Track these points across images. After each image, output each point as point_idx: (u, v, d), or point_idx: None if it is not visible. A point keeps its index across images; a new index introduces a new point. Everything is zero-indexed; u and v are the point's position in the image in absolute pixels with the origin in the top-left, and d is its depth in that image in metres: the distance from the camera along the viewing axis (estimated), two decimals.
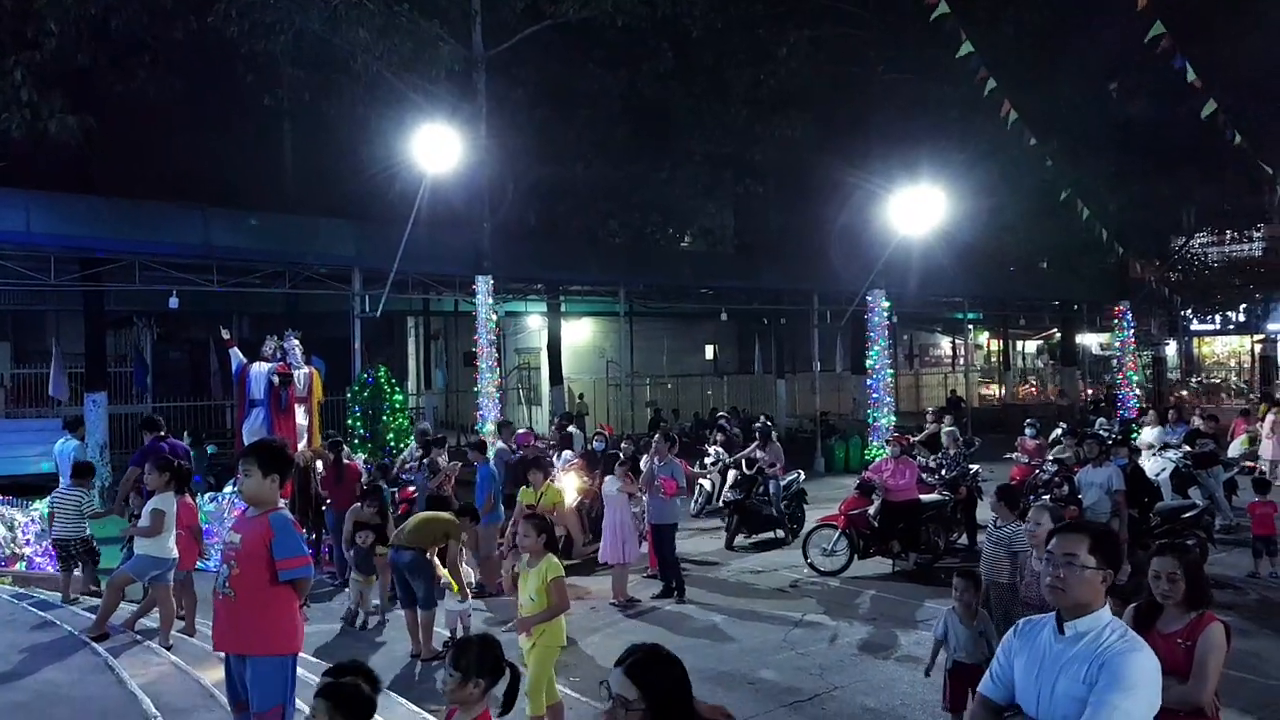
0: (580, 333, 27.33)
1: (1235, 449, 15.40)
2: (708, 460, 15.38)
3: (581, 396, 24.41)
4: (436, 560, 7.98)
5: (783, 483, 13.05)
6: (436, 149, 13.90)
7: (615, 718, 2.49)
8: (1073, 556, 2.96)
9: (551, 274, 20.85)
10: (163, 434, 10.20)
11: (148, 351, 21.13)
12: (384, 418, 14.06)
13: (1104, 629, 2.95)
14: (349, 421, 14.57)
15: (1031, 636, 3.10)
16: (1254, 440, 15.71)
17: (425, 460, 11.57)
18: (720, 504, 14.09)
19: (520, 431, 13.70)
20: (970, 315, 30.77)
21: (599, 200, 20.83)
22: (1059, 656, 2.96)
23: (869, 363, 20.60)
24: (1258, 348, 33.66)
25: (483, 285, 15.87)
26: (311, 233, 16.78)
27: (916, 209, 17.14)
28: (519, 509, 9.20)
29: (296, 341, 11.98)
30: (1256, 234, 32.20)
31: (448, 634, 8.02)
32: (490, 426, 14.89)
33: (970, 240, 22.98)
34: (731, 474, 13.72)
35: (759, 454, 13.27)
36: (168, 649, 7.05)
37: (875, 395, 20.35)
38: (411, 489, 11.76)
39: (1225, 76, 19.07)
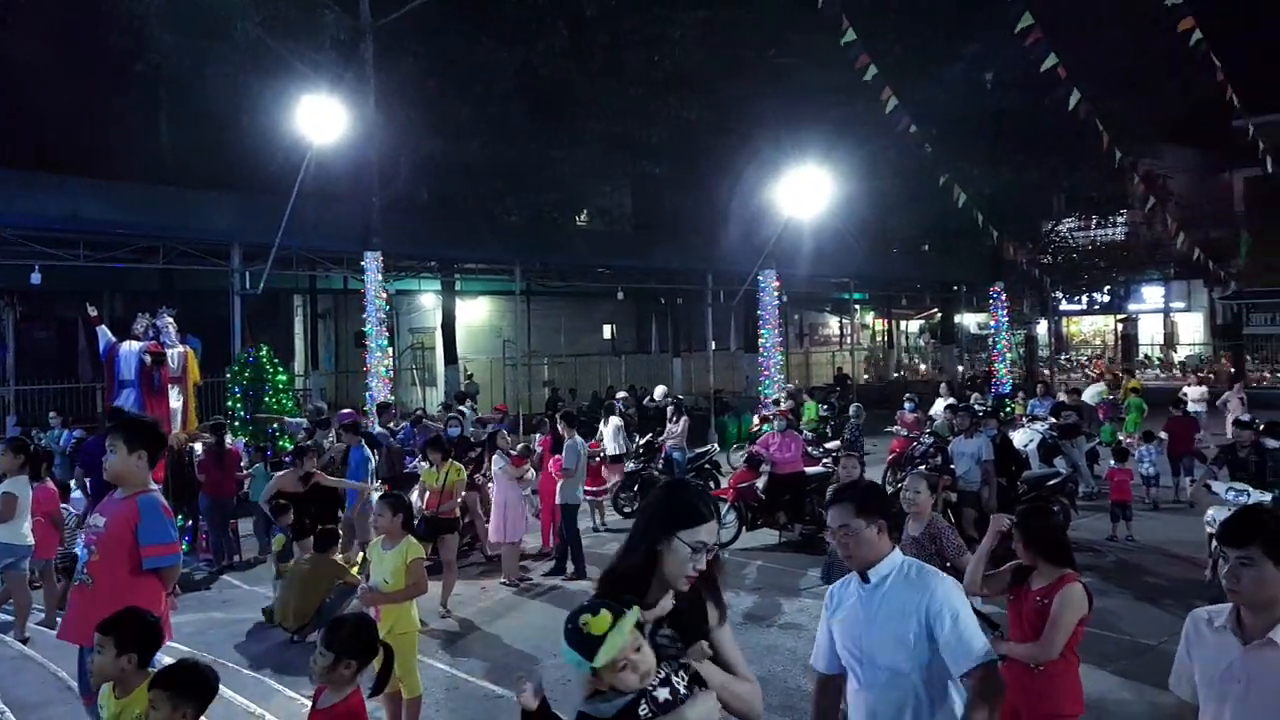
0: (476, 312, 26.98)
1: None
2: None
3: (471, 376, 24.01)
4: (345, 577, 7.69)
5: (689, 455, 13.38)
6: (322, 120, 13.50)
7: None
8: (846, 526, 3.18)
9: (445, 251, 20.50)
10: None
11: (9, 330, 19.88)
12: (266, 399, 13.61)
13: (900, 568, 3.19)
14: (228, 403, 14.06)
15: (843, 597, 3.30)
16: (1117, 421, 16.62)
17: (311, 441, 11.28)
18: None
19: (345, 410, 13.49)
20: (856, 295, 31.71)
21: (494, 177, 20.54)
22: (869, 602, 3.18)
23: (761, 341, 21.04)
24: (1120, 326, 35.73)
25: (372, 262, 15.48)
26: (188, 205, 16.04)
27: (805, 191, 17.58)
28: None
29: (170, 319, 11.45)
30: (1119, 219, 34.14)
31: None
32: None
33: (856, 222, 23.66)
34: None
35: (673, 427, 13.64)
36: (23, 642, 6.69)
37: (767, 373, 20.81)
38: None
39: (1089, 69, 20.08)
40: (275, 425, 13.27)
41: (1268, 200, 26.68)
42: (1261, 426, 9.51)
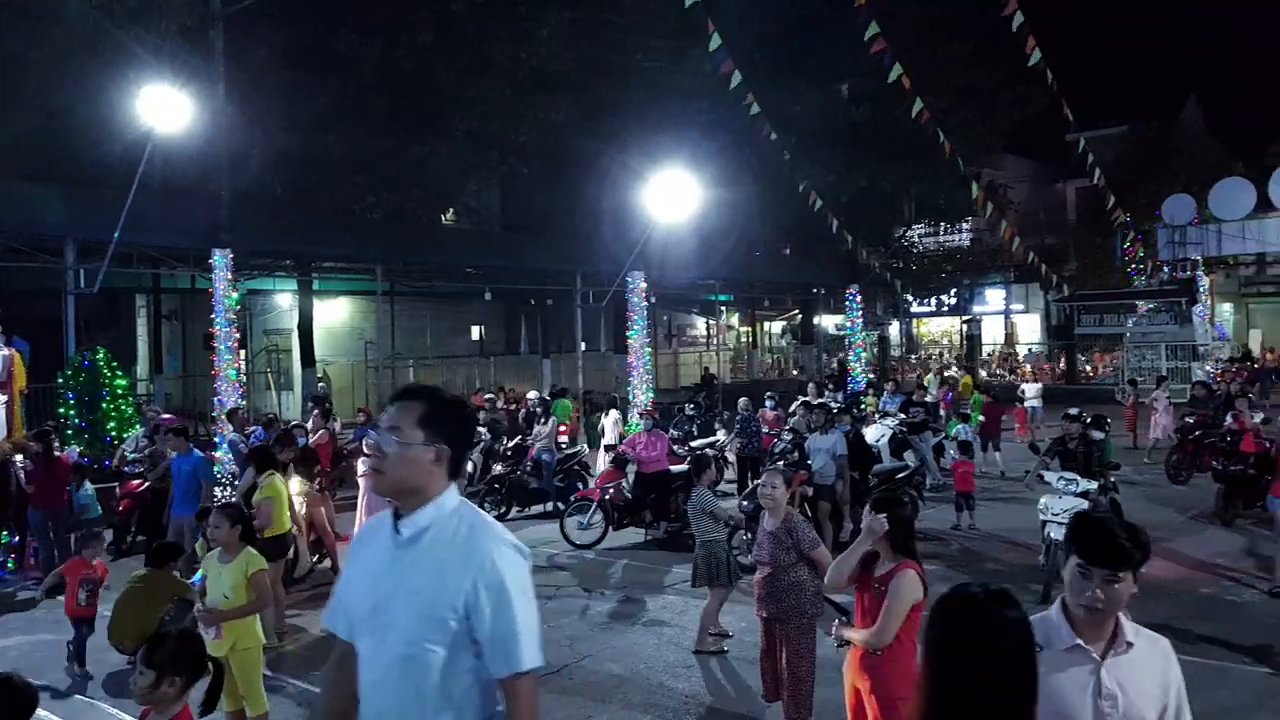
0: (336, 312, 26.13)
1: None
2: None
3: (322, 379, 23.12)
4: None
5: (558, 456, 13.34)
6: (166, 109, 12.78)
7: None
8: (396, 430, 2.41)
9: (301, 248, 19.76)
10: None
11: None
12: (103, 405, 12.77)
13: (449, 520, 2.40)
14: (60, 410, 13.12)
15: (368, 540, 2.52)
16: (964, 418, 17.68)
17: (150, 450, 10.66)
18: (482, 485, 14.09)
19: (165, 416, 12.91)
20: (722, 297, 32.40)
21: (354, 173, 19.93)
22: (398, 563, 2.37)
23: (630, 342, 21.18)
24: (965, 327, 37.81)
25: (220, 259, 14.72)
26: (14, 197, 14.90)
27: (671, 194, 17.86)
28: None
29: None
30: (965, 226, 36.21)
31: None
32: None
33: (720, 225, 24.17)
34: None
35: (541, 429, 13.54)
36: None
37: (635, 374, 20.96)
38: (136, 483, 10.80)
39: (937, 83, 21.21)
40: (113, 444, 12.46)
41: (1096, 209, 28.78)
42: (1089, 420, 10.22)
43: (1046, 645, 2.53)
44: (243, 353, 16.89)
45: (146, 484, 10.57)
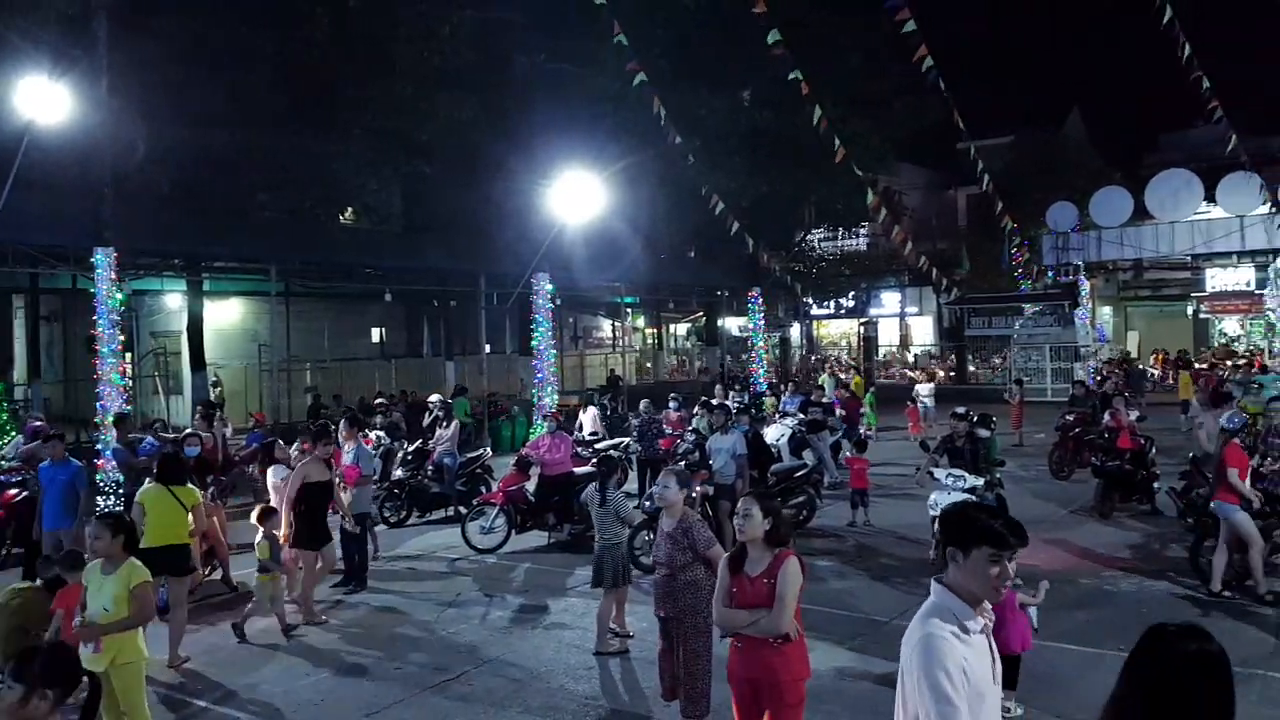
0: (228, 314, 25.21)
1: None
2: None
3: (216, 383, 22.23)
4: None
5: (460, 460, 13.20)
6: (44, 102, 12.14)
7: None
8: None
9: (190, 248, 19.01)
10: None
11: None
12: None
13: None
14: None
15: None
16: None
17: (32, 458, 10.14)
18: (382, 489, 13.83)
19: (36, 423, 12.39)
20: (628, 299, 32.51)
21: (248, 170, 19.28)
22: None
23: (535, 344, 21.09)
24: (862, 329, 38.88)
25: (103, 258, 14.07)
26: None
27: (577, 195, 17.87)
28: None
29: None
30: (862, 231, 37.25)
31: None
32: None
33: (626, 228, 24.29)
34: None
35: (444, 432, 13.36)
36: None
37: (540, 376, 20.88)
38: (12, 492, 10.24)
39: (836, 91, 21.77)
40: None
41: (985, 216, 29.93)
42: (975, 418, 10.64)
43: (964, 631, 2.72)
44: (128, 355, 16.15)
45: (24, 494, 10.04)
